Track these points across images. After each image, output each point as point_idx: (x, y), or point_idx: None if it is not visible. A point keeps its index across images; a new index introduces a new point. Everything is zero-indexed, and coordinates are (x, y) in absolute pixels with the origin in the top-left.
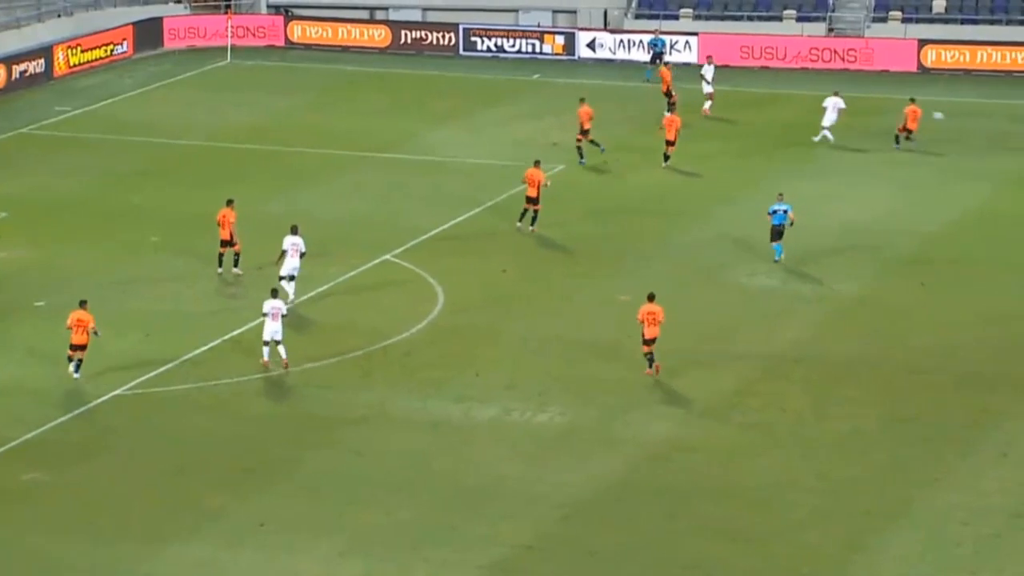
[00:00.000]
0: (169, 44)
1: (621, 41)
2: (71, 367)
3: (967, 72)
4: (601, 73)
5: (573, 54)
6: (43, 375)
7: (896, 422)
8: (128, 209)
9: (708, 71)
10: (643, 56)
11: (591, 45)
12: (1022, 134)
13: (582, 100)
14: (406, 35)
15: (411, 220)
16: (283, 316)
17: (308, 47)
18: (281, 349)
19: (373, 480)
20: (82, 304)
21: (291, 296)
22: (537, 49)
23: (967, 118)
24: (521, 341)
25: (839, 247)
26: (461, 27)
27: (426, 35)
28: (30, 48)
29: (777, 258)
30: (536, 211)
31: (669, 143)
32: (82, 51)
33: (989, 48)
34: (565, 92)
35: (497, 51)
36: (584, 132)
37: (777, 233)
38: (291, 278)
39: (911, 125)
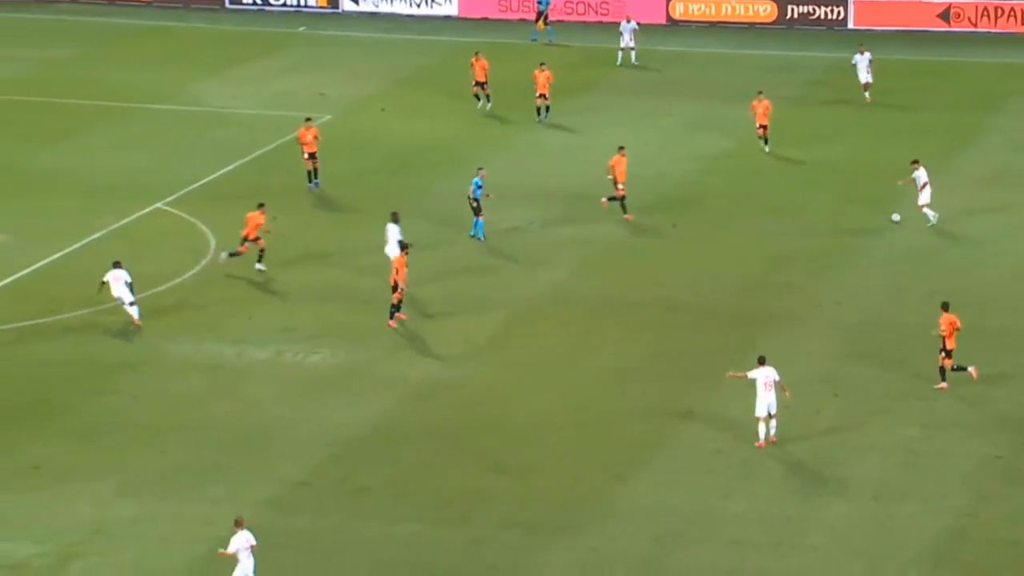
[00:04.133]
0: None
1: None
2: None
3: (712, 24)
4: (365, 26)
5: (337, 7)
6: None
7: (653, 358)
8: None
9: (862, 60)
10: (407, 9)
11: None
12: (765, 83)
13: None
14: None
15: (183, 169)
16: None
17: (73, 0)
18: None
19: (149, 423)
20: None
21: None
22: (302, 2)
23: (714, 68)
24: (293, 287)
25: (594, 192)
26: None
27: None
28: None
29: (478, 235)
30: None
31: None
32: None
33: (734, 1)
34: (330, 44)
35: (263, 4)
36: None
37: (475, 208)
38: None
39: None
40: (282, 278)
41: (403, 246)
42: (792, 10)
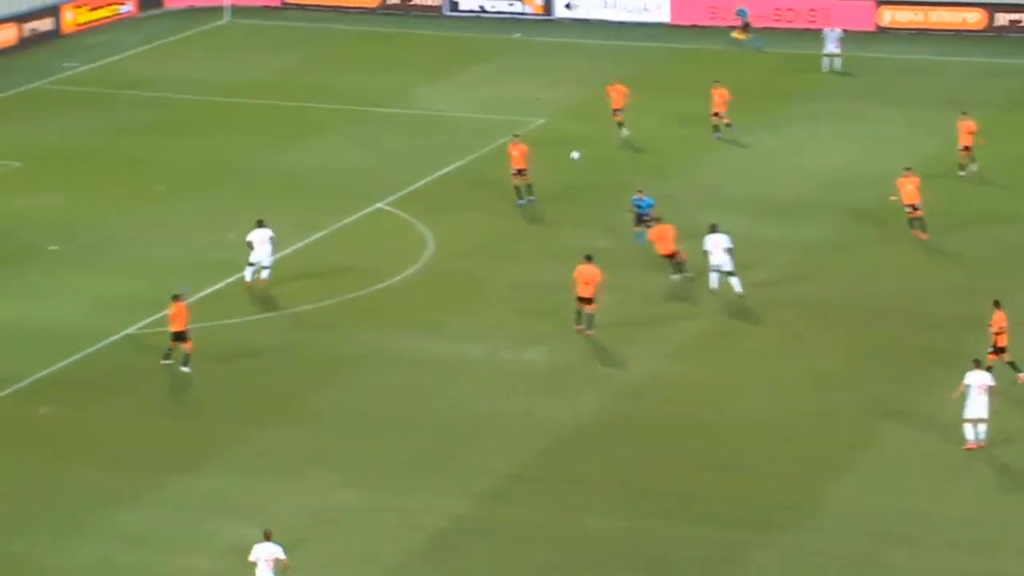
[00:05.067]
0: (170, 4)
1: (603, 2)
2: None
3: (920, 31)
4: (578, 32)
5: (551, 14)
6: (57, 315)
7: (860, 359)
8: (136, 159)
9: None
10: (619, 16)
11: (568, 5)
12: (972, 90)
13: (612, 80)
14: None
15: (402, 170)
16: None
17: (302, 7)
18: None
19: (371, 415)
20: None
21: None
22: (518, 10)
23: (921, 75)
24: (508, 284)
25: (804, 194)
26: None
27: None
28: (39, 7)
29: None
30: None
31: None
32: (89, 10)
33: (942, 9)
34: (545, 50)
35: (480, 11)
36: (616, 111)
37: (640, 219)
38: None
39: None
40: (496, 278)
41: (588, 257)
42: (1001, 17)
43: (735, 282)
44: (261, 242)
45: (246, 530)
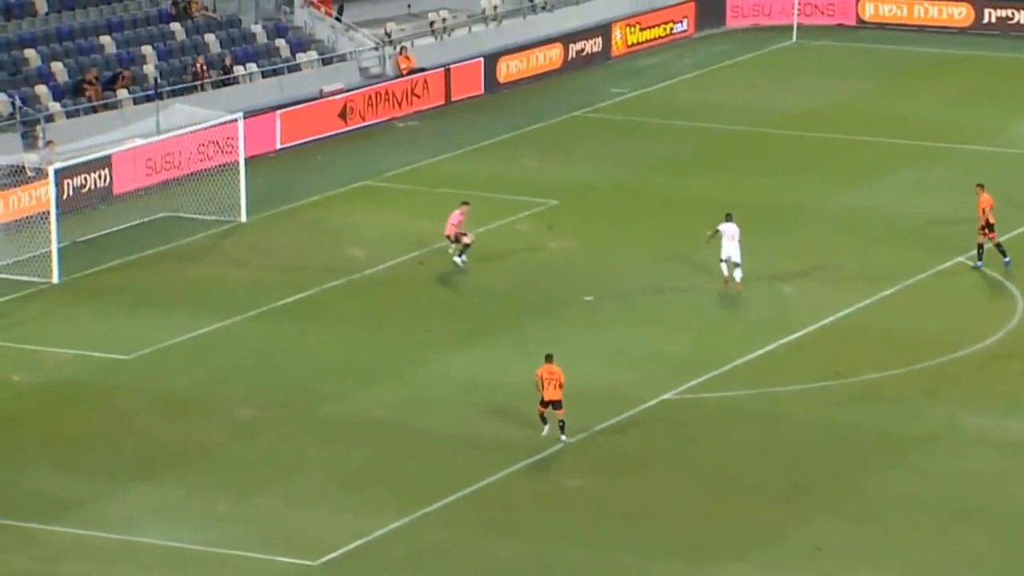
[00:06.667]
0: (731, 22)
1: None
2: None
3: None
4: None
5: None
6: (587, 376)
7: None
8: (678, 198)
9: None
10: None
11: None
12: None
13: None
14: (990, 14)
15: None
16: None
17: (881, 26)
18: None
19: (941, 504)
20: None
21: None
22: None
23: None
24: None
25: None
26: None
27: (1013, 14)
28: (588, 26)
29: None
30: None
31: None
32: (640, 29)
33: None
34: None
35: None
36: None
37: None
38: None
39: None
40: None
41: None
42: None
43: None
44: (730, 237)
45: None
